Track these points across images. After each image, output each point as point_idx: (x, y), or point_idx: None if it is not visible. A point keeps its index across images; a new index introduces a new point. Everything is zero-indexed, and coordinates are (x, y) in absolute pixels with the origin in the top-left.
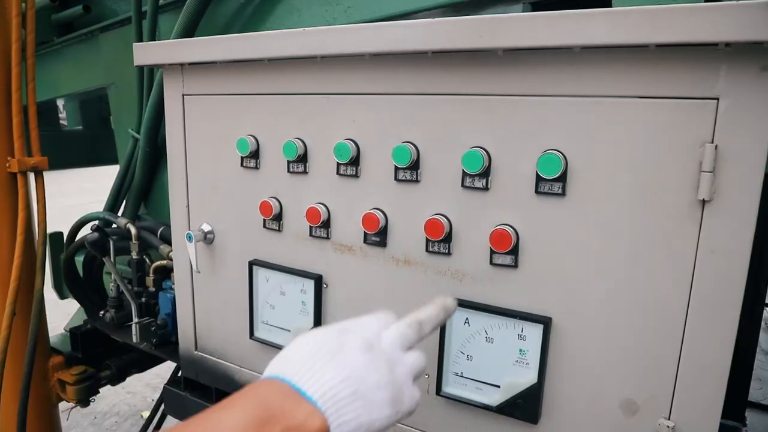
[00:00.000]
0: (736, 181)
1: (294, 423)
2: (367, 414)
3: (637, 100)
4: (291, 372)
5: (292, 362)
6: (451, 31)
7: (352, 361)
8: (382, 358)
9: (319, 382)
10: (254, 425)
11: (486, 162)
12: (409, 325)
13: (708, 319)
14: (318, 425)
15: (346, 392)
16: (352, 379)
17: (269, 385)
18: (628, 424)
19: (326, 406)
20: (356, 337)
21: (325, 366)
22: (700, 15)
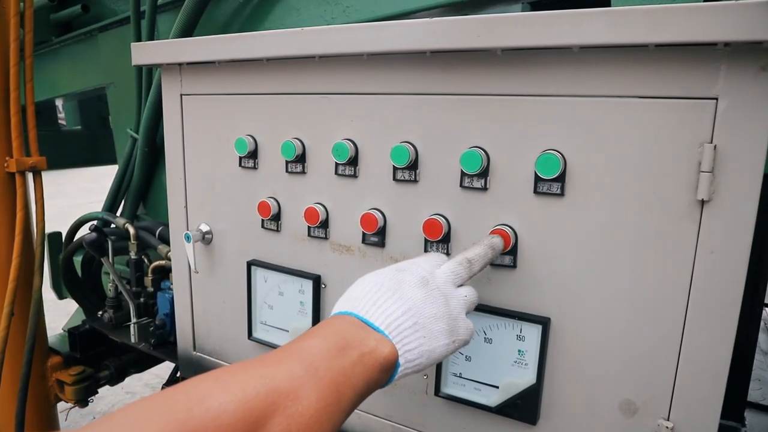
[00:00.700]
0: (736, 181)
1: (367, 349)
2: (428, 343)
3: (636, 100)
4: (358, 308)
5: (358, 299)
6: (450, 31)
7: (410, 296)
8: (437, 293)
9: (384, 315)
10: (335, 350)
11: (484, 162)
12: (460, 263)
13: (707, 320)
14: (389, 350)
15: (408, 323)
16: (412, 311)
17: (342, 319)
18: (627, 425)
19: (392, 335)
20: (412, 275)
21: (388, 301)
22: (699, 15)
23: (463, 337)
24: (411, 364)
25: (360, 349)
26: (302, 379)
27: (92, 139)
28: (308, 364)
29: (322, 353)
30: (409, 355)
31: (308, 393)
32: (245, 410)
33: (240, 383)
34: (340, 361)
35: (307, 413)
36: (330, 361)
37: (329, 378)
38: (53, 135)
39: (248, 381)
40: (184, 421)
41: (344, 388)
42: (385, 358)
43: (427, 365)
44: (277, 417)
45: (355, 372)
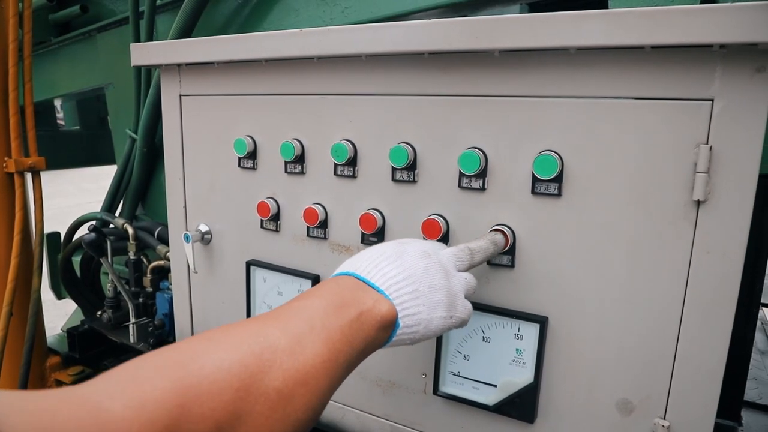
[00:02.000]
0: (731, 182)
1: (365, 307)
2: (426, 312)
3: (633, 101)
4: (359, 269)
5: (360, 262)
6: (448, 32)
7: (412, 264)
8: (439, 266)
9: (384, 277)
10: (333, 308)
11: (482, 163)
12: (462, 249)
13: (703, 319)
14: (387, 308)
15: (408, 288)
16: (413, 278)
17: (341, 279)
18: (624, 424)
19: (392, 297)
20: (415, 247)
21: (389, 266)
22: (696, 17)
23: (461, 315)
24: (409, 330)
25: (358, 307)
26: (299, 336)
27: (91, 140)
28: (305, 321)
29: (319, 312)
30: (408, 320)
31: (304, 349)
32: (240, 366)
33: (234, 341)
34: (337, 319)
35: (303, 369)
36: (327, 318)
37: (326, 335)
38: (52, 135)
39: (243, 339)
40: (178, 378)
41: (341, 345)
42: (383, 316)
43: (424, 336)
44: (272, 372)
45: (352, 329)
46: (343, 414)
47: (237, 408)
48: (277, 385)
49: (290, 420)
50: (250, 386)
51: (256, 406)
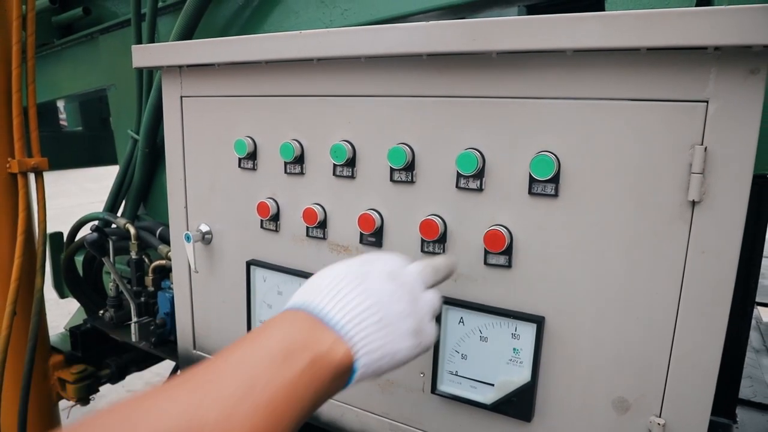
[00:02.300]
0: (726, 182)
1: (320, 352)
2: (393, 343)
3: (629, 102)
4: (316, 300)
5: (317, 290)
6: (446, 34)
7: (377, 289)
8: (406, 289)
9: (344, 309)
10: (281, 358)
11: (480, 163)
12: (426, 265)
13: (698, 318)
14: (343, 354)
15: (372, 319)
16: (378, 306)
17: (293, 316)
18: (620, 422)
19: (352, 333)
20: (380, 267)
21: (351, 293)
22: (691, 19)
23: (428, 341)
24: (371, 367)
25: (312, 351)
26: (234, 404)
27: (93, 140)
28: (244, 381)
29: (263, 364)
30: (370, 356)
31: (241, 421)
32: None
33: (156, 420)
34: (285, 372)
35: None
36: (271, 373)
37: (268, 397)
38: (54, 136)
39: (167, 416)
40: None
41: (286, 407)
42: (338, 364)
43: (389, 369)
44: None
45: (302, 382)
46: (342, 412)
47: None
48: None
49: None
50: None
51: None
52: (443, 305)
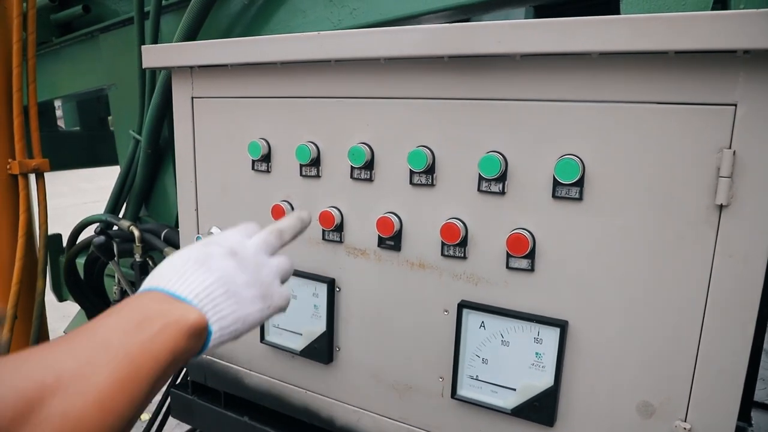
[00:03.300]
0: (754, 186)
1: (172, 319)
2: (242, 309)
3: (656, 105)
4: (163, 282)
5: (163, 275)
6: (470, 36)
7: (219, 267)
8: (247, 262)
9: (191, 286)
10: (133, 325)
11: (503, 166)
12: (270, 232)
13: (725, 322)
14: (195, 316)
15: (218, 291)
16: (222, 280)
17: (144, 296)
18: (644, 426)
19: (202, 304)
20: (221, 247)
21: (195, 273)
22: (720, 22)
23: (278, 302)
24: (227, 330)
25: (163, 320)
26: (90, 357)
27: (91, 140)
28: (98, 342)
29: (116, 330)
30: (224, 321)
31: (97, 370)
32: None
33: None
34: (137, 335)
35: (95, 390)
36: (125, 336)
37: (124, 352)
38: (52, 136)
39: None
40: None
41: (142, 360)
42: (191, 325)
43: (245, 331)
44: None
45: (156, 343)
46: (359, 417)
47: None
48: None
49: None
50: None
51: None
52: (464, 309)
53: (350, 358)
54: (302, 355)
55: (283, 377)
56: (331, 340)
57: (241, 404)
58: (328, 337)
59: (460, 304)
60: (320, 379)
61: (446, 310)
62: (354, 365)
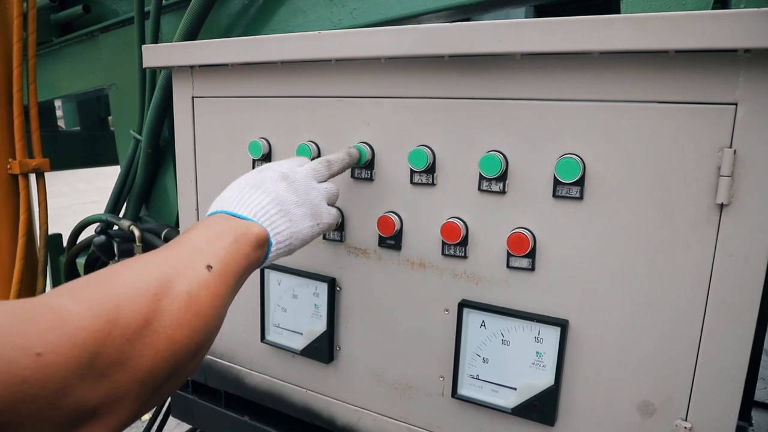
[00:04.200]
0: (754, 186)
1: (240, 232)
2: (294, 225)
3: (656, 105)
4: (226, 205)
5: (224, 200)
6: (471, 36)
7: (273, 189)
8: (298, 184)
9: (250, 206)
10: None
11: (503, 166)
12: (319, 162)
13: (725, 322)
14: (258, 229)
15: (274, 210)
16: (277, 200)
17: (212, 218)
18: (645, 425)
19: (261, 220)
20: (273, 172)
21: (252, 195)
22: (720, 22)
23: (327, 220)
24: (282, 244)
25: (234, 233)
26: (191, 256)
27: (91, 140)
28: (192, 248)
29: (201, 241)
30: (279, 236)
31: (199, 264)
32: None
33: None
34: (219, 243)
35: (203, 277)
36: (209, 244)
37: (213, 253)
38: (52, 136)
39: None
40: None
41: (228, 260)
42: (256, 236)
43: (298, 246)
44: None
45: (232, 250)
46: (360, 417)
47: (157, 307)
48: (185, 289)
49: (201, 315)
50: (164, 292)
51: (173, 305)
52: (465, 308)
53: (351, 358)
54: (303, 355)
55: (284, 377)
56: (331, 339)
57: (242, 404)
58: (328, 336)
59: (460, 304)
60: (321, 379)
61: (447, 309)
62: (354, 365)
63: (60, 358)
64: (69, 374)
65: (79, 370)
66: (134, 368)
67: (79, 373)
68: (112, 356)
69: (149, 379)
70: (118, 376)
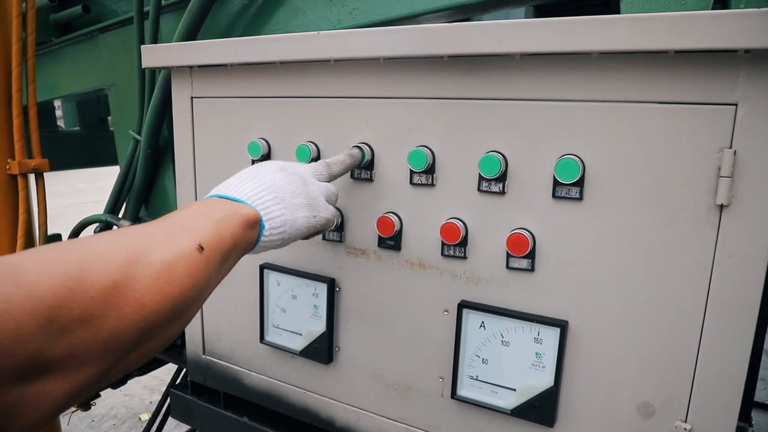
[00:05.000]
0: (754, 186)
1: (229, 212)
2: (289, 213)
3: (656, 105)
4: (222, 190)
5: (222, 186)
6: (470, 36)
7: (270, 178)
8: (295, 176)
9: (245, 190)
10: (200, 215)
11: (503, 166)
12: (319, 163)
13: (725, 323)
14: (248, 210)
15: (269, 196)
16: (273, 187)
17: (205, 201)
18: (645, 427)
19: (255, 203)
20: (272, 165)
21: (249, 181)
22: (720, 22)
23: (324, 215)
24: (276, 230)
25: (222, 212)
26: (172, 231)
27: (91, 140)
28: (176, 224)
29: (188, 217)
30: (273, 222)
31: (180, 237)
32: (124, 246)
33: (120, 235)
34: (205, 220)
35: (181, 247)
36: (195, 221)
37: (198, 228)
38: (51, 136)
39: (127, 233)
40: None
41: (212, 235)
42: (246, 216)
43: (293, 235)
44: (153, 252)
45: (220, 227)
46: (359, 417)
47: (127, 271)
48: (161, 258)
49: (176, 283)
50: (138, 259)
51: (144, 271)
52: (464, 309)
53: (350, 359)
54: (302, 356)
55: (283, 377)
56: (330, 340)
57: (241, 405)
58: (327, 337)
59: (460, 304)
60: (320, 380)
61: (446, 310)
62: (354, 365)
63: (12, 308)
64: (23, 324)
65: (35, 322)
66: (98, 327)
67: (35, 324)
68: (74, 313)
69: (115, 340)
70: (81, 332)
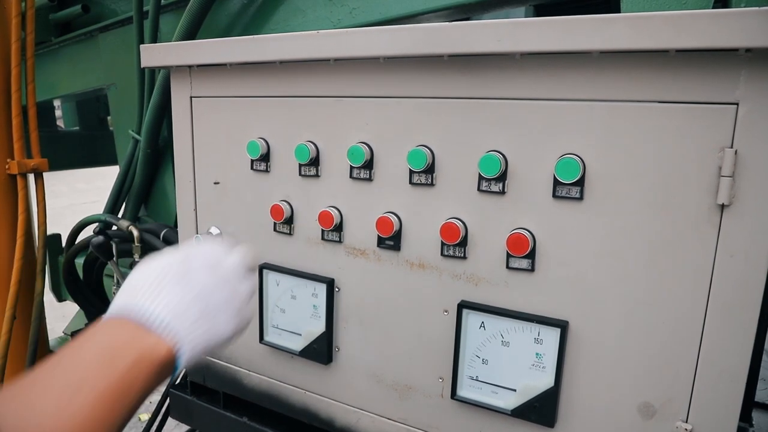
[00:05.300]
0: (755, 186)
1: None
2: (217, 327)
3: (657, 104)
4: (140, 301)
5: (141, 289)
6: (470, 35)
7: (198, 281)
8: (227, 279)
9: (169, 305)
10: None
11: (503, 166)
12: (250, 250)
13: (726, 322)
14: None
15: (194, 310)
16: (200, 296)
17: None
18: (646, 427)
19: (177, 328)
20: (201, 260)
21: (174, 288)
22: (721, 21)
23: (247, 320)
24: (198, 350)
25: (136, 350)
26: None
27: (90, 140)
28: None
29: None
30: (198, 340)
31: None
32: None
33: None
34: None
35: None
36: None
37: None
38: (51, 136)
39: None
40: None
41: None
42: (162, 361)
43: (216, 349)
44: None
45: (128, 378)
46: (358, 418)
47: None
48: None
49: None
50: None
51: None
52: (464, 309)
53: (350, 359)
54: (301, 356)
55: (283, 378)
56: (330, 340)
57: (240, 405)
58: (327, 337)
59: (460, 305)
60: (319, 380)
61: (446, 310)
62: (353, 366)
63: None
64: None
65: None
66: None
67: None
68: None
69: None
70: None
